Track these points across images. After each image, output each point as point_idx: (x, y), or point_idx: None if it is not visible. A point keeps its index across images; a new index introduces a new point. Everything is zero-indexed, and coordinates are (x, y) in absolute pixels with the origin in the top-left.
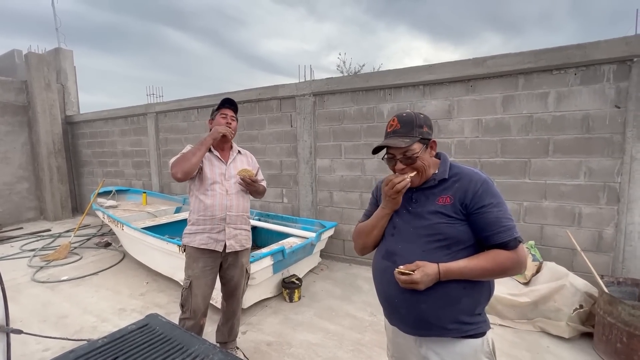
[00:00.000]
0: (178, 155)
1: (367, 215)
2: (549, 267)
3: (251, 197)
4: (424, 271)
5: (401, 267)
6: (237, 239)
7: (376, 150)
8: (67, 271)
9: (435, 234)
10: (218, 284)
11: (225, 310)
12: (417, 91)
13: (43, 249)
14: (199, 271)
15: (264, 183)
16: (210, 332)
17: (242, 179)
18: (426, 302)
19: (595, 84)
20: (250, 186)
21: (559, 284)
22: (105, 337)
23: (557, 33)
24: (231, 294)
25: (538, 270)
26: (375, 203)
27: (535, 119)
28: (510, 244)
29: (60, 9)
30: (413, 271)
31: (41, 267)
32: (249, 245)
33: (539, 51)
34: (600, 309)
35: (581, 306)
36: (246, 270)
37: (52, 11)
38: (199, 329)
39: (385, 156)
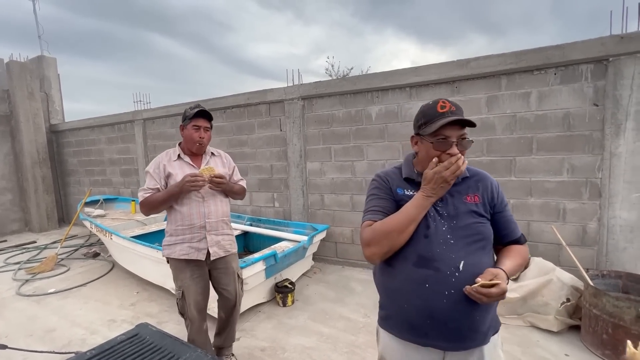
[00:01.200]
0: (146, 195)
1: (384, 211)
2: (537, 262)
3: (232, 200)
4: (502, 278)
5: (479, 279)
6: (221, 244)
7: (436, 128)
8: (54, 283)
9: (475, 234)
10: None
11: (225, 320)
12: (404, 93)
13: (28, 261)
14: (188, 281)
15: (243, 183)
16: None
17: (209, 181)
18: (479, 308)
19: (574, 83)
20: (216, 185)
21: (546, 279)
22: (93, 349)
23: (539, 33)
24: (230, 304)
25: (526, 266)
26: (390, 195)
27: (518, 118)
28: (522, 239)
29: (42, 15)
30: (491, 281)
31: (27, 280)
32: (235, 249)
33: (520, 52)
34: (586, 301)
35: (568, 300)
36: (238, 275)
37: (34, 18)
38: (205, 334)
39: (436, 139)
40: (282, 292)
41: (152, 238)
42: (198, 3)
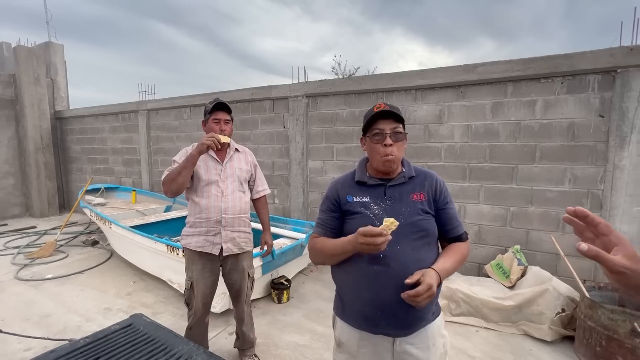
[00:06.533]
0: (167, 172)
1: (326, 226)
2: (534, 271)
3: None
4: (430, 275)
5: (407, 280)
6: (235, 242)
7: (368, 125)
8: (52, 269)
9: (420, 230)
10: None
11: (235, 316)
12: (409, 95)
13: (28, 246)
14: (198, 273)
15: (265, 192)
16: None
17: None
18: None
19: (581, 93)
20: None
21: (542, 288)
22: (87, 337)
23: (549, 40)
24: (235, 299)
25: (523, 275)
26: (336, 208)
27: (522, 126)
28: (464, 236)
29: (50, 1)
30: (417, 281)
31: (25, 265)
32: (250, 248)
33: (528, 59)
34: (581, 313)
35: (563, 310)
36: (248, 274)
37: (43, 3)
38: (205, 327)
39: (371, 134)
40: (278, 288)
41: (151, 229)
42: None
